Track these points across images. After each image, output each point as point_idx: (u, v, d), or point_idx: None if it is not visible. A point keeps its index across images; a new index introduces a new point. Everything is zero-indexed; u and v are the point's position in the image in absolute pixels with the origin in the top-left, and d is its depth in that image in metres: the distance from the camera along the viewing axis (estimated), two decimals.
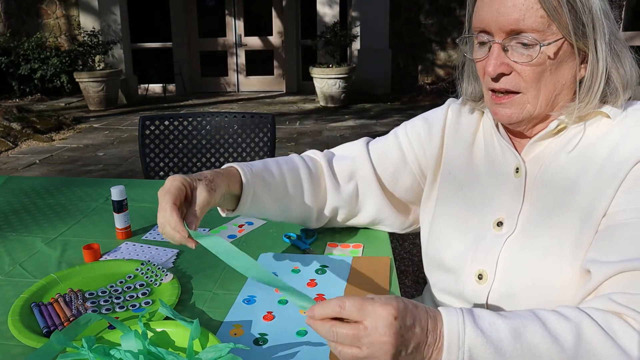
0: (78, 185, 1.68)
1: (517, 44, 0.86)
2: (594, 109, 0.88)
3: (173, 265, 1.15)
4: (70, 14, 9.56)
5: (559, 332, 0.69)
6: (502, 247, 0.94)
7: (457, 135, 1.07)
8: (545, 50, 0.85)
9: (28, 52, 8.64)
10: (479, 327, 0.69)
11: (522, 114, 0.91)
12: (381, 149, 1.16)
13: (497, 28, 0.87)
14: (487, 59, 0.89)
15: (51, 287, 1.04)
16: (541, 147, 0.95)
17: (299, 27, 9.69)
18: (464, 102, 1.07)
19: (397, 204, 1.18)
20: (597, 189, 0.85)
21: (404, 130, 1.15)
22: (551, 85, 0.88)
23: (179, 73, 9.66)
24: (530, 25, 0.84)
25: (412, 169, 1.13)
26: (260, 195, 1.04)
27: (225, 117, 2.27)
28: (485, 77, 0.92)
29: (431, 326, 0.69)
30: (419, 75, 9.63)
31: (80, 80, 8.18)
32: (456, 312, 0.71)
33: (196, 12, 9.88)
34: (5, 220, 1.41)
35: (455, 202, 1.04)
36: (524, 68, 0.87)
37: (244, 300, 1.00)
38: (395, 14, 9.10)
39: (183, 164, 2.25)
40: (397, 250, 3.11)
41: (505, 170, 0.98)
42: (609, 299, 0.74)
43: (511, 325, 0.70)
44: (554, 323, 0.70)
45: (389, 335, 0.66)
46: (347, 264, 1.11)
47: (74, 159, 5.60)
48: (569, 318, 0.71)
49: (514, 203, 0.95)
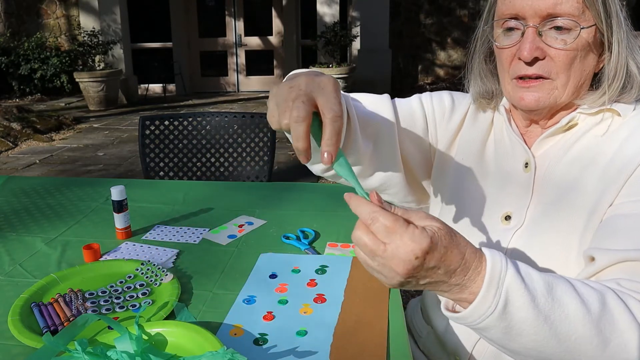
0: (78, 185, 1.68)
1: (550, 29, 0.86)
2: (608, 106, 0.89)
3: (173, 265, 1.15)
4: (71, 14, 9.56)
5: (586, 296, 0.70)
6: (510, 241, 0.94)
7: (473, 129, 1.07)
8: (582, 34, 0.85)
9: (28, 52, 8.64)
10: (519, 272, 0.69)
11: (550, 99, 0.90)
12: (406, 110, 1.09)
13: (533, 12, 0.86)
14: (521, 44, 0.88)
15: (51, 287, 1.03)
16: (551, 142, 0.95)
17: (299, 27, 9.68)
18: (475, 100, 1.06)
19: (408, 173, 1.10)
20: (602, 187, 0.85)
21: (430, 99, 1.11)
22: (579, 73, 0.89)
23: (179, 73, 9.66)
24: (566, 10, 0.84)
25: (429, 142, 1.11)
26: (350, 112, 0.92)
27: (225, 117, 2.27)
28: (512, 65, 0.91)
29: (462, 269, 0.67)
30: (419, 75, 9.63)
31: (80, 80, 8.18)
32: (500, 254, 0.70)
33: (196, 12, 9.88)
34: (5, 220, 1.41)
35: (465, 192, 1.04)
36: (558, 52, 0.87)
37: (243, 300, 1.00)
38: (395, 13, 9.10)
39: (183, 163, 2.25)
40: None
41: (514, 165, 0.98)
42: (617, 283, 0.74)
43: (545, 279, 0.70)
44: (581, 288, 0.71)
45: (401, 269, 0.65)
46: (347, 264, 1.11)
47: (74, 159, 5.60)
48: (593, 287, 0.72)
49: (522, 198, 0.95)
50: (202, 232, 1.31)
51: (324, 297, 1.00)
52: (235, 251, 1.21)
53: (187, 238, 1.28)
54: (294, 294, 1.02)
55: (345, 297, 1.00)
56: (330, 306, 0.97)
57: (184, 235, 1.30)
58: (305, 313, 0.95)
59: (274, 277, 1.08)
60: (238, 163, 2.26)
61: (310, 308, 0.97)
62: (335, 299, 0.99)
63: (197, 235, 1.29)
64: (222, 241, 1.26)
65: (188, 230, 1.32)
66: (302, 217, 1.37)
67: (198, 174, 2.26)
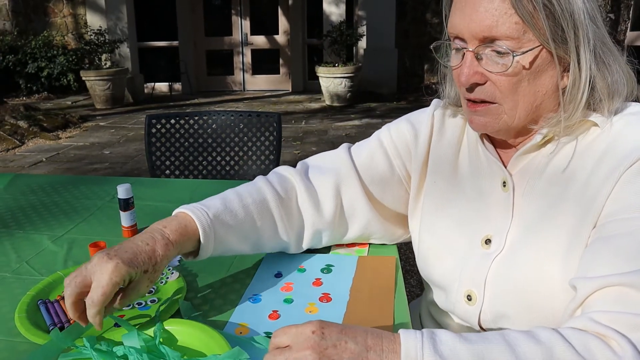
0: (84, 183, 1.69)
1: (491, 52, 0.81)
2: (581, 118, 0.83)
3: (179, 263, 1.15)
4: (77, 13, 9.59)
5: (527, 355, 0.65)
6: (490, 267, 0.90)
7: (442, 143, 1.02)
8: (520, 60, 0.79)
9: (35, 51, 8.68)
10: (439, 352, 0.65)
11: (499, 124, 0.86)
12: (366, 158, 1.08)
13: (470, 35, 0.81)
14: (461, 68, 0.84)
15: (57, 285, 1.04)
16: (528, 158, 0.90)
17: (305, 26, 9.68)
18: (445, 106, 1.02)
19: (387, 215, 1.11)
20: (586, 200, 0.80)
21: (389, 135, 1.08)
22: (530, 96, 0.82)
23: (185, 72, 9.67)
24: (504, 32, 0.78)
25: (400, 177, 1.07)
26: (222, 238, 0.97)
27: (231, 115, 2.27)
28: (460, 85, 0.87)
29: (373, 342, 0.68)
30: (425, 75, 9.61)
31: (86, 79, 8.21)
32: (415, 335, 0.68)
33: (202, 11, 9.90)
34: (12, 217, 1.41)
35: (442, 216, 1.00)
36: (499, 78, 0.81)
37: (249, 299, 1.00)
38: (402, 13, 9.08)
39: (189, 162, 2.26)
40: (403, 249, 3.09)
41: (492, 183, 0.93)
42: (589, 318, 0.69)
43: (474, 350, 0.66)
44: (523, 347, 0.66)
45: (308, 349, 0.66)
46: (353, 264, 1.11)
47: (80, 157, 5.62)
48: (541, 341, 0.66)
49: (502, 219, 0.91)
50: None
51: (329, 297, 1.00)
52: None
53: None
54: (299, 293, 1.01)
55: (351, 297, 0.99)
56: (335, 305, 0.97)
57: None
58: (310, 312, 0.95)
59: (280, 276, 1.08)
60: (244, 162, 2.26)
61: (316, 307, 0.97)
62: (341, 299, 0.99)
63: None
64: None
65: None
66: None
67: (204, 173, 2.27)
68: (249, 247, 1.04)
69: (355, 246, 1.19)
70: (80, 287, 0.80)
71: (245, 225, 1.01)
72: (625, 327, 0.67)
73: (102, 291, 0.79)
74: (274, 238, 1.06)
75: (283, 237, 1.07)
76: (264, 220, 1.03)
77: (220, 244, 0.97)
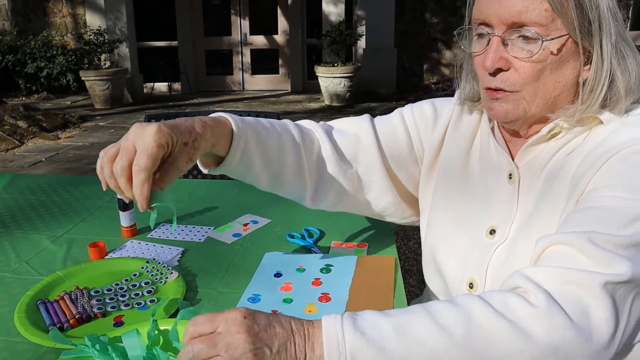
0: (84, 183, 1.69)
1: (517, 37, 0.82)
2: (594, 114, 0.84)
3: (178, 263, 1.15)
4: (77, 13, 9.59)
5: (446, 320, 0.67)
6: (492, 257, 0.92)
7: (457, 134, 1.04)
8: (547, 46, 0.81)
9: (34, 51, 8.67)
10: (359, 329, 0.67)
11: (518, 111, 0.87)
12: (387, 129, 1.08)
13: (498, 20, 0.82)
14: (486, 53, 0.85)
15: (57, 285, 1.04)
16: (534, 152, 0.91)
17: (304, 26, 9.68)
18: (461, 102, 1.03)
19: (400, 190, 1.10)
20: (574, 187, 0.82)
21: (411, 113, 1.09)
22: (550, 85, 0.84)
23: (185, 72, 9.67)
24: (533, 19, 0.79)
25: (416, 156, 1.08)
26: (250, 149, 0.93)
27: None
28: (482, 72, 0.88)
29: (297, 327, 0.69)
30: (424, 75, 9.61)
31: (86, 79, 8.20)
32: (336, 316, 0.69)
33: (201, 11, 9.90)
34: (11, 217, 1.41)
35: (451, 205, 1.02)
36: (523, 64, 0.83)
37: (248, 298, 1.00)
38: (401, 12, 9.08)
39: None
40: (402, 249, 3.11)
41: (499, 175, 0.95)
42: (521, 274, 0.71)
43: (395, 321, 0.67)
44: (441, 312, 0.68)
45: (241, 332, 0.66)
46: (352, 263, 1.11)
47: (79, 157, 5.62)
48: (459, 305, 0.68)
49: (507, 211, 0.93)
50: (207, 231, 1.31)
51: (328, 296, 1.00)
52: (240, 250, 1.21)
53: (192, 236, 1.28)
54: (298, 292, 1.02)
55: (350, 297, 1.00)
56: (334, 305, 0.97)
57: (189, 233, 1.30)
58: (309, 312, 0.95)
59: (279, 276, 1.08)
60: None
61: (315, 307, 0.97)
62: (340, 298, 0.99)
63: (202, 234, 1.30)
64: (227, 240, 1.26)
65: (193, 229, 1.33)
66: (307, 216, 1.36)
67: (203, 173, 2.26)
68: (267, 177, 0.99)
69: (355, 246, 1.19)
70: (128, 157, 0.77)
71: (272, 147, 0.97)
72: (557, 281, 0.69)
73: (148, 154, 0.76)
74: (294, 177, 1.01)
75: (304, 178, 1.02)
76: (290, 153, 0.99)
77: (247, 154, 0.93)
